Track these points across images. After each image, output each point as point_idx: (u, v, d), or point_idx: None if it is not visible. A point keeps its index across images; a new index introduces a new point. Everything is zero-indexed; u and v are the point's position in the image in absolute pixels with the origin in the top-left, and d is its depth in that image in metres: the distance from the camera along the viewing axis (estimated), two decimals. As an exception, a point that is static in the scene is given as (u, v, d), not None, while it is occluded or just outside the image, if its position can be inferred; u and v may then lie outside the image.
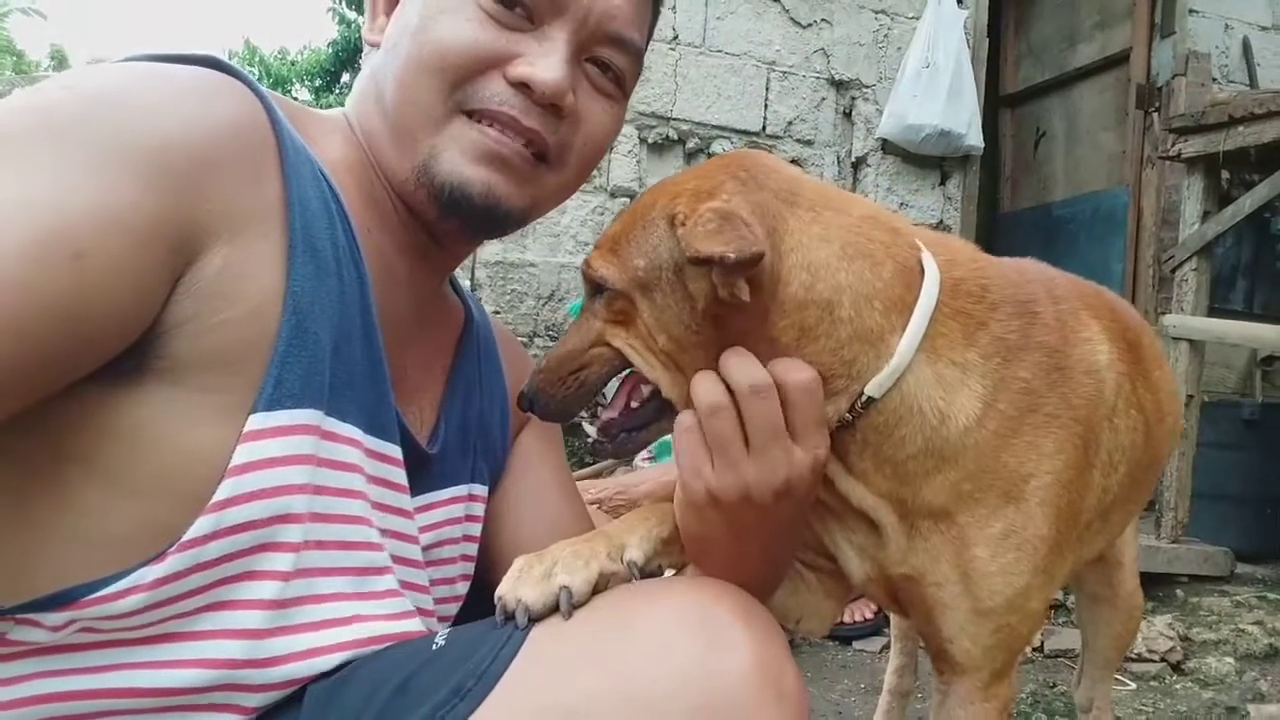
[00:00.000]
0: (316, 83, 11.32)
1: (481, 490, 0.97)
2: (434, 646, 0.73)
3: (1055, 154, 5.19)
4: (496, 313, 3.65)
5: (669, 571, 0.87)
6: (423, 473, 0.87)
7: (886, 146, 4.28)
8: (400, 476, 0.82)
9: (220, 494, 0.65)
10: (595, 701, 0.63)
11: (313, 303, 0.71)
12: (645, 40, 0.89)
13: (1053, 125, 5.19)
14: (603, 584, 0.73)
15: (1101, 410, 0.92)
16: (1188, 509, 3.32)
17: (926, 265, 0.83)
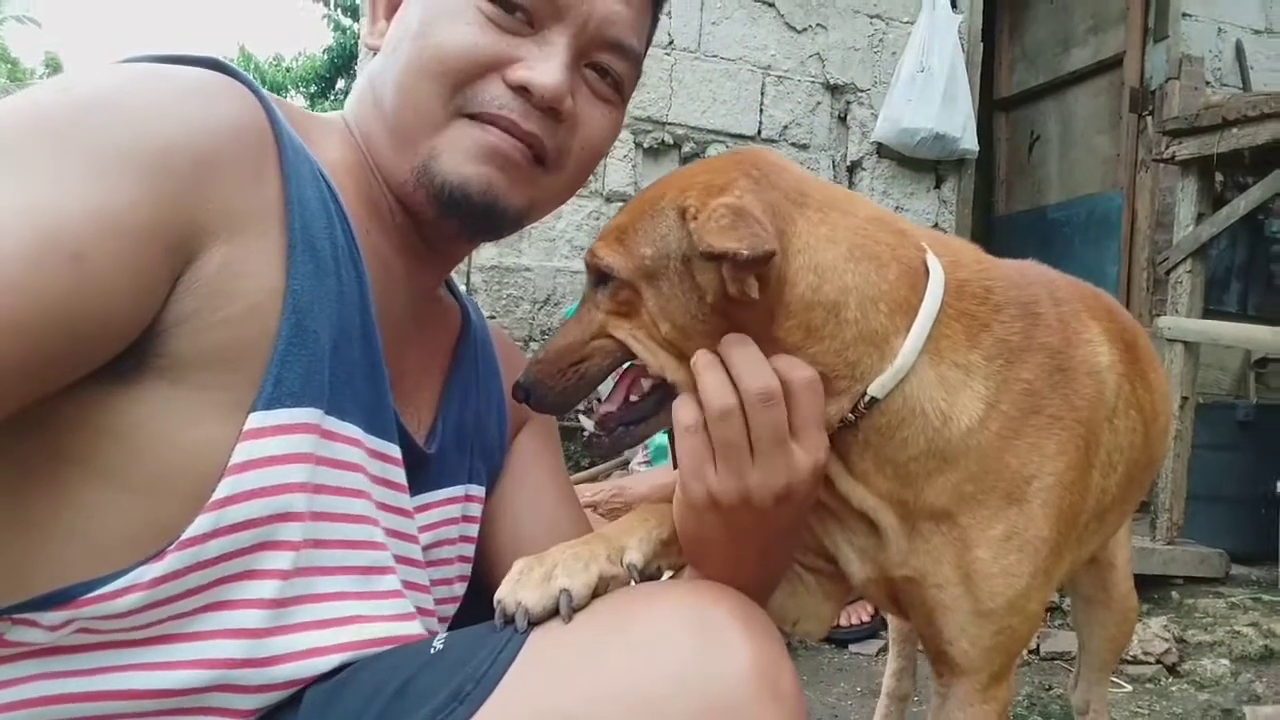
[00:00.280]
0: (311, 89, 11.34)
1: (478, 491, 0.97)
2: (433, 649, 0.72)
3: (1050, 157, 5.22)
4: (492, 317, 3.65)
5: (667, 573, 0.86)
6: (420, 473, 0.86)
7: (881, 150, 4.29)
8: (400, 476, 0.82)
9: (220, 492, 0.65)
10: (593, 705, 0.63)
11: (312, 302, 0.71)
12: (644, 46, 0.89)
13: (1047, 129, 5.21)
14: (603, 587, 0.72)
15: (1103, 411, 0.92)
16: (1183, 511, 3.33)
17: (931, 267, 0.83)
